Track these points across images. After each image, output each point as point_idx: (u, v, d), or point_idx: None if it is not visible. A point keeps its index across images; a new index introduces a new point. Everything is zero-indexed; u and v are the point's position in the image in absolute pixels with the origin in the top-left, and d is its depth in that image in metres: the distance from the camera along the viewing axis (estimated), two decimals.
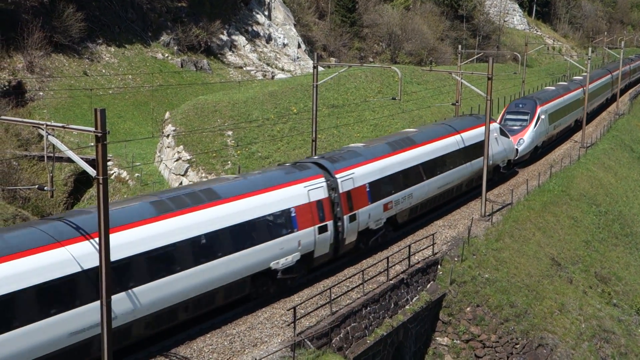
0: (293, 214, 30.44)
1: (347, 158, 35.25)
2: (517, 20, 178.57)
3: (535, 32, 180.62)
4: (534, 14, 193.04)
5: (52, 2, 75.86)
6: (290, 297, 30.67)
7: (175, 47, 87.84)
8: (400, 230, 39.88)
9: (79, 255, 22.30)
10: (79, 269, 22.19)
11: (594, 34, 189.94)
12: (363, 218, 34.78)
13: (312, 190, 31.75)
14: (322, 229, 31.92)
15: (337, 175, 33.54)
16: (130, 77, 78.29)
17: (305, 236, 30.92)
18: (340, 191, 33.32)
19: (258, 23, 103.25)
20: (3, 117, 22.71)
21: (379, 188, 36.08)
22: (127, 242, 23.85)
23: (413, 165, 39.26)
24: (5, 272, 20.55)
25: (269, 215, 29.25)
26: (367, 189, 35.24)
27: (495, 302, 35.70)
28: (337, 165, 34.13)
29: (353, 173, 34.51)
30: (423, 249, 37.01)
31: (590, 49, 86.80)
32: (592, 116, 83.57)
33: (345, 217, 33.41)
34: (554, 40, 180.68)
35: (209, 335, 26.63)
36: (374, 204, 35.56)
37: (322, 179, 32.65)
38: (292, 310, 26.68)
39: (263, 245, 28.71)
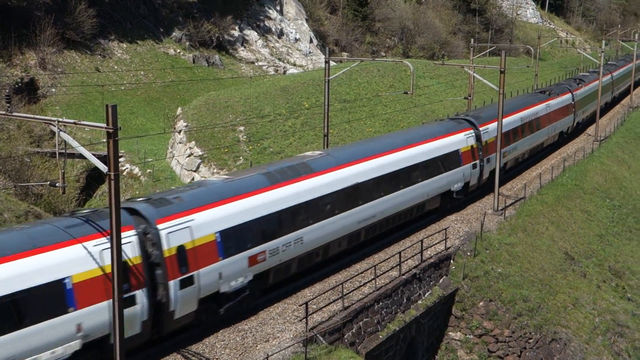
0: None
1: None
2: (530, 13, 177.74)
3: (548, 25, 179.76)
4: (547, 7, 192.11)
5: None
6: (302, 291, 30.64)
7: (187, 43, 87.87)
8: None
9: None
10: None
11: (607, 26, 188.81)
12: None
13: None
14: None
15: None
16: (142, 73, 78.37)
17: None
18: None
19: (270, 18, 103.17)
20: (15, 113, 22.73)
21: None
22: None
23: None
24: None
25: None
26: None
27: (509, 296, 35.57)
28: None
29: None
30: (435, 244, 36.92)
31: (603, 42, 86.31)
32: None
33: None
34: (567, 34, 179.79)
35: (221, 331, 26.63)
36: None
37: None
38: (304, 305, 26.66)
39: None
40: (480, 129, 44.94)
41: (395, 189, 35.99)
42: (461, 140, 42.78)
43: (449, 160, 40.88)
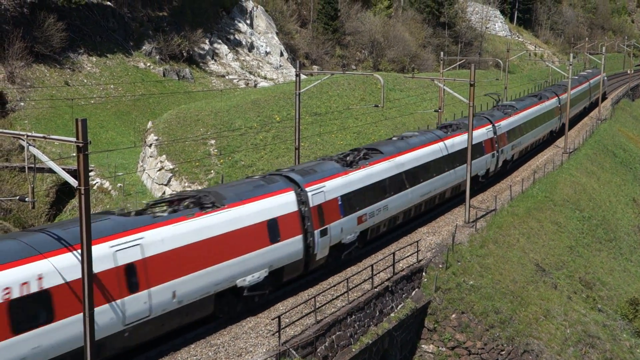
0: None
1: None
2: (499, 26, 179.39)
3: (517, 38, 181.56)
4: (515, 21, 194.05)
5: (32, 12, 75.41)
6: (274, 305, 30.51)
7: (157, 56, 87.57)
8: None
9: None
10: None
11: (575, 39, 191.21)
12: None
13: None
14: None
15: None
16: (112, 86, 77.94)
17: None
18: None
19: (240, 32, 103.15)
20: None
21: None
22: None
23: None
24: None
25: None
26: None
27: (481, 308, 35.67)
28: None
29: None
30: (407, 256, 36.95)
31: (571, 54, 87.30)
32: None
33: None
34: (535, 47, 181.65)
35: (193, 346, 26.42)
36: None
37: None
38: (277, 319, 26.53)
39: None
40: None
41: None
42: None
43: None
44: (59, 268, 21.67)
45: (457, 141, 46.71)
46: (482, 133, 50.78)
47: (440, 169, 44.17)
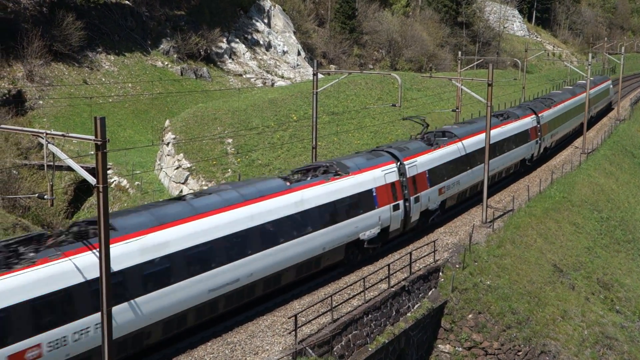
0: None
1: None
2: (517, 26, 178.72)
3: (535, 38, 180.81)
4: (533, 20, 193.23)
5: (51, 11, 75.88)
6: (291, 304, 30.53)
7: (175, 55, 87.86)
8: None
9: None
10: None
11: (594, 39, 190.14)
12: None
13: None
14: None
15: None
16: (130, 85, 78.27)
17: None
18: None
19: (257, 31, 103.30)
20: (3, 126, 22.62)
21: None
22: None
23: None
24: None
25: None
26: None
27: (497, 309, 35.54)
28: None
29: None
30: (424, 256, 36.88)
31: (590, 54, 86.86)
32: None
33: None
34: (553, 46, 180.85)
35: (210, 344, 26.48)
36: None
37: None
38: (293, 317, 26.55)
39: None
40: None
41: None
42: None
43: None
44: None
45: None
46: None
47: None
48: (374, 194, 35.50)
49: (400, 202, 37.53)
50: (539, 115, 59.43)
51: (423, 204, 39.94)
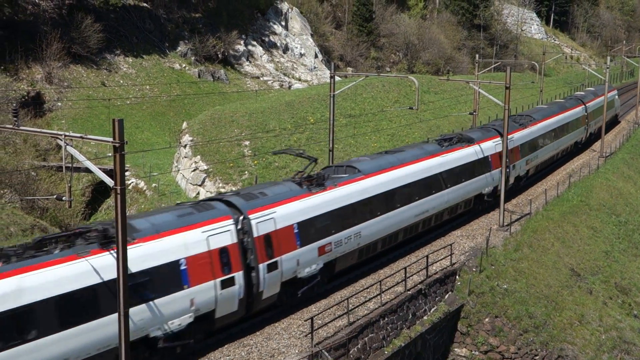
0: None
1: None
2: (535, 29, 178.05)
3: (553, 41, 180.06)
4: (551, 23, 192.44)
5: (70, 13, 76.33)
6: (307, 307, 30.53)
7: (193, 58, 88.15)
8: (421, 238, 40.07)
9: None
10: None
11: (612, 42, 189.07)
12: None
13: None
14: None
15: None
16: (147, 87, 78.59)
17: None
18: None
19: (275, 33, 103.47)
20: (22, 127, 22.75)
21: None
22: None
23: None
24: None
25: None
26: None
27: (514, 313, 35.42)
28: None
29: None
30: (441, 259, 36.81)
31: (608, 57, 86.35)
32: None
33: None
34: (571, 49, 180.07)
35: (226, 346, 26.53)
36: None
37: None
38: (310, 320, 26.56)
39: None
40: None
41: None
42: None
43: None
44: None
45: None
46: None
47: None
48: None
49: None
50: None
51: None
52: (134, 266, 22.83)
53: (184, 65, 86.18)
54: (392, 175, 36.30)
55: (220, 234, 26.28)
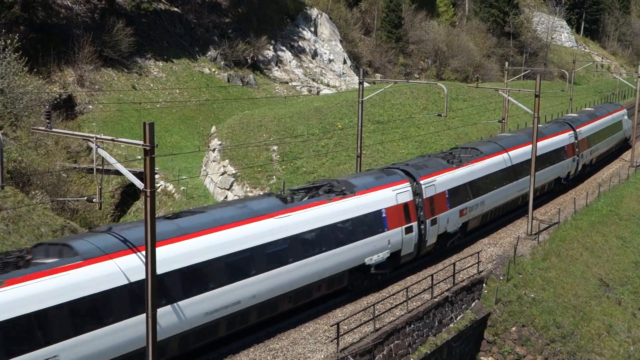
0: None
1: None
2: (565, 37, 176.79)
3: (583, 49, 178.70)
4: (582, 31, 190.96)
5: (102, 17, 77.05)
6: (333, 312, 30.60)
7: (222, 62, 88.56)
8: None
9: None
10: None
11: None
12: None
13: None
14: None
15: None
16: (177, 91, 79.07)
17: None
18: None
19: (304, 39, 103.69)
20: (54, 129, 23.04)
21: None
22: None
23: None
24: None
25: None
26: None
27: (542, 322, 35.22)
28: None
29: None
30: (468, 267, 36.70)
31: (639, 67, 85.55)
32: None
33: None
34: (602, 58, 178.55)
35: (252, 350, 26.65)
36: None
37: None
38: (336, 326, 26.60)
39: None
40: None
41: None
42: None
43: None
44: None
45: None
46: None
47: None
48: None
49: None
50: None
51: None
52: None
53: (213, 70, 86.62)
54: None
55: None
